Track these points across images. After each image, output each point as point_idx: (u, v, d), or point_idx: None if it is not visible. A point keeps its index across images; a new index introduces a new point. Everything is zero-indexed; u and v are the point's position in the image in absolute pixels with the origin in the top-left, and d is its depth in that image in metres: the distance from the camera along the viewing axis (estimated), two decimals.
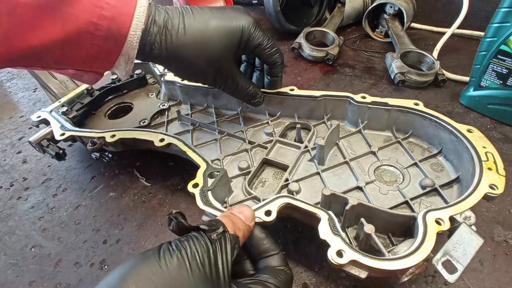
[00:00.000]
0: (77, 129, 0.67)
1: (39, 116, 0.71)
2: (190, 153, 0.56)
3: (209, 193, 0.47)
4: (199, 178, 0.49)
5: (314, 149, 0.57)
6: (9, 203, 0.69)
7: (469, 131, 0.41)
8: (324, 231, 0.39)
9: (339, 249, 0.37)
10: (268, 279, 0.35)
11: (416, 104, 0.56)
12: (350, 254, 0.37)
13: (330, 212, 0.41)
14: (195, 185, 0.49)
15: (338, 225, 0.40)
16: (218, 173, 0.50)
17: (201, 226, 0.33)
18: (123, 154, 0.74)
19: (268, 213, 0.43)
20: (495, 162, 0.37)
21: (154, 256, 0.29)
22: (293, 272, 0.50)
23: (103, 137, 0.63)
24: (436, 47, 0.92)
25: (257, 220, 0.42)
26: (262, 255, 0.38)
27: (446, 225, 0.34)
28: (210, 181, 0.49)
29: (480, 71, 0.71)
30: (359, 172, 0.54)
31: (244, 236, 0.36)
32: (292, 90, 0.64)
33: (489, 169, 0.37)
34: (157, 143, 0.59)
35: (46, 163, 0.78)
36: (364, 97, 0.59)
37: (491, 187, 0.37)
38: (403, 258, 0.34)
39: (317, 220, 0.41)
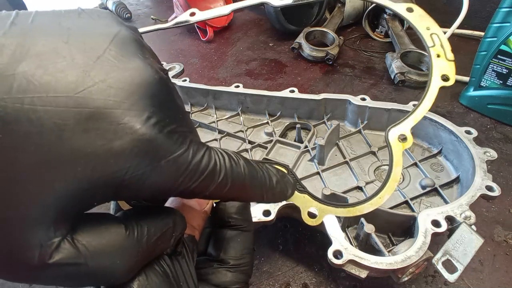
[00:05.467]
0: None
1: None
2: None
3: None
4: None
5: (314, 149, 0.57)
6: None
7: (408, 10, 0.34)
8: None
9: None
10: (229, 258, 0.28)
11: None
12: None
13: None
14: None
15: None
16: None
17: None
18: None
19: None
20: (442, 46, 0.32)
21: None
22: (293, 272, 0.50)
23: None
24: None
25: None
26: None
27: (409, 141, 0.29)
28: None
29: (480, 71, 0.71)
30: (359, 172, 0.54)
31: (200, 230, 0.28)
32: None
33: (438, 56, 0.31)
34: None
35: None
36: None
37: (443, 78, 0.31)
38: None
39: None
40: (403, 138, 0.29)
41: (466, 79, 0.79)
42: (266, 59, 1.06)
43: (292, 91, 0.64)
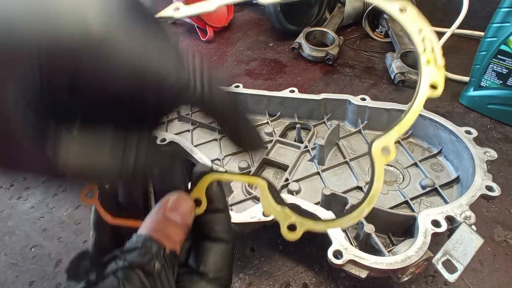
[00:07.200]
0: None
1: None
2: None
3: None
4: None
5: (314, 149, 0.57)
6: (9, 203, 0.69)
7: (402, 10, 0.31)
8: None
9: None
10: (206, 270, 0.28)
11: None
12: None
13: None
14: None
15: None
16: None
17: (132, 262, 0.23)
18: None
19: None
20: (433, 51, 0.30)
21: None
22: (293, 272, 0.50)
23: None
24: None
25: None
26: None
27: (392, 154, 0.28)
28: None
29: (480, 71, 0.71)
30: (359, 172, 0.54)
31: (182, 244, 0.27)
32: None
33: (428, 62, 0.30)
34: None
35: None
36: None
37: (432, 87, 0.29)
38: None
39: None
40: (386, 151, 0.29)
41: (466, 79, 0.79)
42: (266, 59, 1.06)
43: (292, 91, 0.64)
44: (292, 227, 0.29)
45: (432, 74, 0.29)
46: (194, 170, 0.31)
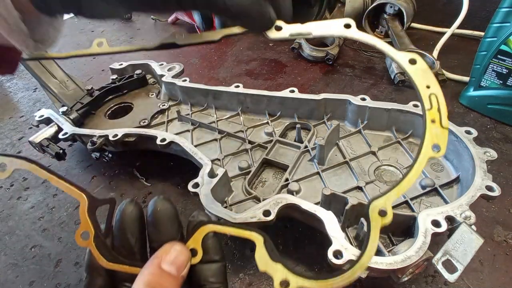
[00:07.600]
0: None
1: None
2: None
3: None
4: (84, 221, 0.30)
5: (314, 149, 0.57)
6: (9, 203, 0.69)
7: (411, 61, 0.31)
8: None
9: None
10: None
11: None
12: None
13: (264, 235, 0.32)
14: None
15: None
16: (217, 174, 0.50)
17: None
18: (123, 154, 0.74)
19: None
20: (439, 110, 0.30)
21: None
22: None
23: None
24: (436, 47, 0.92)
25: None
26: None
27: (389, 217, 0.28)
28: (211, 180, 0.49)
29: (480, 71, 0.71)
30: (359, 172, 0.54)
31: None
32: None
33: (433, 121, 0.30)
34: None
35: (46, 163, 0.78)
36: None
37: (434, 148, 0.30)
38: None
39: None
40: (383, 213, 0.27)
41: (466, 79, 0.79)
42: (266, 59, 1.06)
43: (292, 91, 0.64)
44: (284, 284, 0.29)
45: (436, 135, 0.29)
46: (190, 219, 0.31)
